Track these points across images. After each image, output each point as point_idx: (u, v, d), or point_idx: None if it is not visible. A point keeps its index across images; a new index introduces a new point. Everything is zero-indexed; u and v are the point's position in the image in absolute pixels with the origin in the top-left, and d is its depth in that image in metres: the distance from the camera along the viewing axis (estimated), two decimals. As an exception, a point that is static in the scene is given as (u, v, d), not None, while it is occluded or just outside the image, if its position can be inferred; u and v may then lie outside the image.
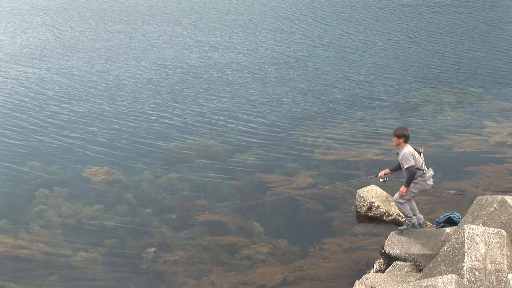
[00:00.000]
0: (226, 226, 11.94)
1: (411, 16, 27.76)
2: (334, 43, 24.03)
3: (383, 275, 8.90)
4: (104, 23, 27.31)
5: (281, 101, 18.29)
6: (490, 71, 20.56)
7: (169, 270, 10.63)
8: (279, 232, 11.69)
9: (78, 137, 15.98)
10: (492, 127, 16.04)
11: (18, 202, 12.91)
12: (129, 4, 30.86)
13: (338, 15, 28.17)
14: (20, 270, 10.78)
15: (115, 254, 11.20)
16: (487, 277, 7.07)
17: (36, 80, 20.35)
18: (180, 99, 18.53)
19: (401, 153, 9.58)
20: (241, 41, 24.34)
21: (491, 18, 26.99)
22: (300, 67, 21.35)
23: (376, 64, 21.46)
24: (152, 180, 13.71)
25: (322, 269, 10.38)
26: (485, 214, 8.45)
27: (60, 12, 29.48)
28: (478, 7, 28.80)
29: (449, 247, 7.62)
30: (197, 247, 11.27)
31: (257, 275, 10.33)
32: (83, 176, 13.87)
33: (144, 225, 12.05)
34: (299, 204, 12.59)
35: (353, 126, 16.38)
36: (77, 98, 18.72)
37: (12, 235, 11.71)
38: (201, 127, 16.48)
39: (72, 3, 31.59)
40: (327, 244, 11.12)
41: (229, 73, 20.74)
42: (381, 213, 11.58)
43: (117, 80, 20.23)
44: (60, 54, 23.04)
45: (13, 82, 20.26)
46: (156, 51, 23.29)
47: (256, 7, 29.85)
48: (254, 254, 10.98)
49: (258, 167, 14.21)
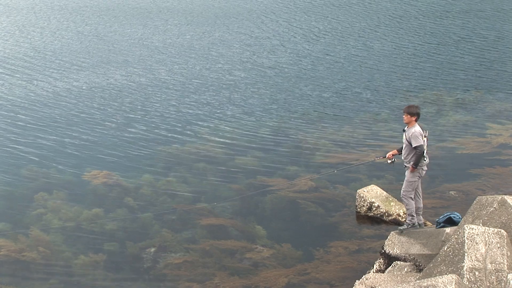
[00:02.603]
0: (228, 229, 11.89)
1: (412, 19, 27.75)
2: (334, 45, 24.02)
3: (383, 275, 8.87)
4: (103, 23, 27.38)
5: (281, 104, 18.26)
6: (492, 73, 20.51)
7: (172, 274, 10.57)
8: (281, 235, 11.65)
9: (78, 140, 15.98)
10: (494, 129, 15.97)
11: (17, 205, 12.90)
12: (129, 4, 30.95)
13: (338, 18, 28.18)
14: (19, 273, 10.75)
15: (115, 258, 11.16)
16: (487, 277, 7.03)
17: (35, 83, 20.37)
18: (179, 101, 18.52)
19: (411, 131, 9.56)
20: (240, 43, 24.35)
21: (493, 20, 26.94)
22: (300, 70, 21.34)
23: (377, 66, 21.43)
24: (152, 183, 13.68)
25: (325, 271, 10.34)
26: (485, 214, 8.41)
27: (59, 12, 29.60)
28: (479, 10, 28.77)
29: (449, 247, 7.58)
30: (199, 251, 11.21)
31: (261, 279, 10.27)
32: (83, 179, 13.85)
33: (145, 229, 12.01)
34: (300, 206, 12.55)
35: (354, 129, 16.33)
36: (77, 100, 18.73)
37: (12, 238, 11.69)
38: (201, 130, 16.46)
39: (72, 3, 31.69)
40: (329, 245, 11.07)
41: (229, 76, 20.74)
42: (381, 213, 11.53)
43: (115, 83, 20.24)
44: (59, 55, 23.07)
45: (11, 84, 20.29)
46: (156, 53, 23.31)
47: (256, 7, 29.89)
48: (257, 257, 10.93)
49: (259, 170, 14.17)
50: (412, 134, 9.56)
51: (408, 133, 9.65)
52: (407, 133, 9.67)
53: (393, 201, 11.69)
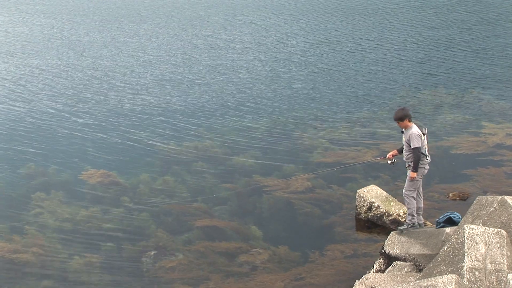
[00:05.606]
0: (224, 231, 11.84)
1: (409, 17, 27.76)
2: (332, 44, 24.01)
3: (383, 275, 8.87)
4: (103, 24, 27.25)
5: (278, 103, 18.23)
6: (488, 72, 20.54)
7: (166, 277, 10.50)
8: (278, 236, 11.58)
9: (75, 139, 15.90)
10: (490, 128, 16.00)
11: (13, 205, 12.82)
12: (130, 5, 30.83)
13: (336, 17, 28.17)
14: (14, 274, 10.69)
15: (111, 259, 11.10)
16: (487, 277, 7.04)
17: (32, 82, 20.25)
18: (176, 101, 18.46)
19: (408, 133, 9.57)
20: (238, 42, 24.30)
21: (488, 19, 27.00)
22: (298, 69, 21.31)
23: (374, 65, 21.43)
24: (149, 182, 13.63)
25: (323, 273, 10.27)
26: (485, 214, 8.42)
27: (59, 12, 29.45)
28: (476, 8, 28.83)
29: (449, 247, 7.59)
30: (194, 252, 11.15)
31: (256, 283, 10.18)
32: (80, 179, 13.78)
33: (141, 229, 11.96)
34: (298, 207, 12.51)
35: (351, 128, 16.32)
36: (74, 99, 18.63)
37: (7, 238, 11.62)
38: (198, 129, 16.41)
39: (73, 3, 31.56)
40: (327, 247, 11.03)
41: (226, 75, 20.68)
42: (381, 213, 11.51)
43: (113, 81, 20.15)
44: (57, 55, 22.95)
45: (9, 83, 20.17)
46: (153, 52, 23.22)
47: (256, 7, 29.84)
48: (253, 260, 10.86)
49: (256, 169, 14.14)
50: (410, 136, 9.56)
51: (406, 135, 9.67)
52: (405, 135, 9.69)
53: (393, 201, 11.69)
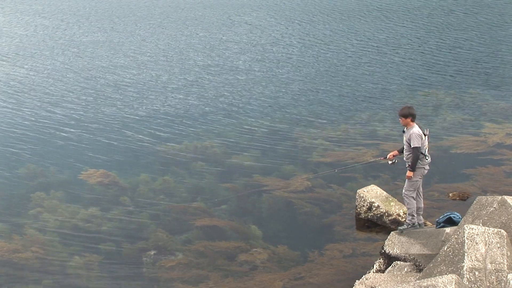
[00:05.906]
0: (224, 230, 11.83)
1: (409, 17, 27.77)
2: (332, 45, 24.00)
3: (383, 275, 8.87)
4: (103, 24, 27.24)
5: (278, 103, 18.23)
6: (488, 72, 20.54)
7: (166, 276, 10.50)
8: (277, 236, 11.58)
9: (74, 139, 15.89)
10: (490, 128, 16.00)
11: (13, 205, 12.81)
12: (127, 6, 30.82)
13: (336, 17, 28.16)
14: (14, 274, 10.67)
15: (110, 258, 11.09)
16: (487, 277, 7.04)
17: (32, 82, 20.24)
18: (176, 101, 18.45)
19: (409, 132, 9.59)
20: (237, 43, 24.29)
21: (488, 20, 27.01)
22: (297, 69, 21.31)
23: (374, 65, 21.43)
24: (149, 182, 13.62)
25: (322, 273, 10.26)
26: (485, 214, 8.42)
27: (55, 12, 29.43)
28: (476, 8, 28.83)
29: (449, 247, 7.58)
30: (194, 252, 11.14)
31: (256, 283, 10.17)
32: (79, 179, 13.78)
33: (141, 229, 11.95)
34: (298, 207, 12.51)
35: (351, 128, 16.32)
36: (74, 100, 18.62)
37: (7, 238, 11.61)
38: (198, 129, 16.40)
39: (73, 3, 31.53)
40: (327, 247, 11.03)
41: (225, 75, 20.68)
42: (381, 213, 11.50)
43: (113, 82, 20.14)
44: (56, 55, 22.95)
45: (9, 84, 20.16)
46: (152, 53, 23.21)
47: (255, 7, 29.82)
48: (252, 259, 10.86)
49: (256, 169, 14.13)
50: (410, 135, 9.58)
51: (407, 135, 9.68)
52: (406, 134, 9.70)
53: (393, 201, 11.69)
